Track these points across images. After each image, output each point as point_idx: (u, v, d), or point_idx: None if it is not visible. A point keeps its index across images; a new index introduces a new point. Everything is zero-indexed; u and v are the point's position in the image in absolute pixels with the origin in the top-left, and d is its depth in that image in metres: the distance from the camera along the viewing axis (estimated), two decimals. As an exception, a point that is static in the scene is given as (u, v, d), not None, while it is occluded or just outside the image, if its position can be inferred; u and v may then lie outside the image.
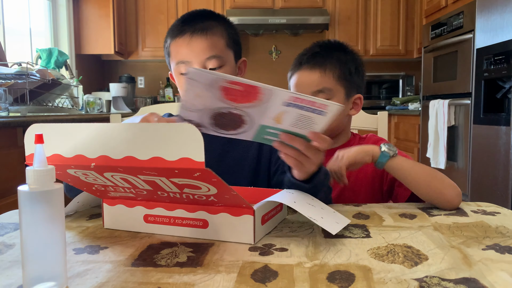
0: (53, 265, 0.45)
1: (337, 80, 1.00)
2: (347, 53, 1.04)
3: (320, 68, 0.99)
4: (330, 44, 1.06)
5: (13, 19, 2.81)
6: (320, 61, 1.00)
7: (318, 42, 1.06)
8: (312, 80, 0.99)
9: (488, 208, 0.80)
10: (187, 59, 0.90)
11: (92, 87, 3.82)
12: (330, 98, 0.99)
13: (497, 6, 2.17)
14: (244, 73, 1.03)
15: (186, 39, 0.90)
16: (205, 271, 0.51)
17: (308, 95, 0.57)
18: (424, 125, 2.98)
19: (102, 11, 3.52)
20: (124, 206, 0.68)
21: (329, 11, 3.86)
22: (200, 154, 0.50)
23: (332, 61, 1.00)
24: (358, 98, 1.05)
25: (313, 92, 0.99)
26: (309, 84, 1.00)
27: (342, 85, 1.01)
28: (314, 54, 1.02)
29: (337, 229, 0.60)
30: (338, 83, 1.00)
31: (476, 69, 2.37)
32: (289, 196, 0.68)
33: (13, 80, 1.98)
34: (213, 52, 0.90)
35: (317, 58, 1.01)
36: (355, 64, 1.04)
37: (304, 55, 1.03)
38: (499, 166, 2.16)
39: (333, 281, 0.47)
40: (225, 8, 3.83)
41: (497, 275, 0.48)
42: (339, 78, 1.00)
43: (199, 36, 0.90)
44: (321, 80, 0.99)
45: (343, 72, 1.01)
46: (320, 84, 0.99)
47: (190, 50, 0.90)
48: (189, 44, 0.90)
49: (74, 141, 0.56)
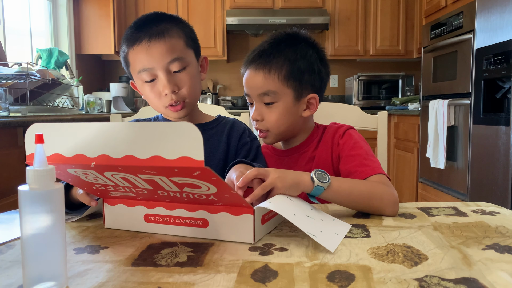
0: (53, 265, 0.45)
1: (282, 81, 0.92)
2: (298, 50, 0.93)
3: (264, 69, 0.92)
4: (280, 40, 0.96)
5: (13, 19, 2.81)
6: (265, 61, 0.92)
7: (272, 35, 0.97)
8: (256, 82, 0.93)
9: (488, 208, 0.81)
10: (149, 66, 0.88)
11: (92, 87, 3.82)
12: (275, 101, 0.92)
13: (497, 6, 2.17)
14: (206, 70, 1.01)
15: (144, 46, 0.87)
16: (205, 270, 0.51)
17: None
18: (423, 125, 2.98)
19: (102, 11, 3.52)
20: (124, 205, 0.68)
21: (329, 11, 3.86)
22: (200, 153, 0.50)
23: (278, 60, 0.92)
24: (313, 97, 0.95)
25: (259, 95, 0.93)
26: (254, 86, 0.93)
27: (290, 86, 0.92)
28: (261, 53, 0.93)
29: (336, 244, 0.59)
30: (285, 84, 0.92)
31: (476, 69, 2.37)
32: (288, 205, 0.66)
33: (13, 80, 1.98)
34: (175, 55, 0.88)
35: (263, 57, 0.93)
36: (308, 62, 0.94)
37: (253, 52, 0.95)
38: (498, 166, 2.16)
39: (333, 281, 0.47)
40: (225, 8, 3.82)
41: (497, 275, 0.48)
42: (285, 79, 0.92)
43: (157, 40, 0.87)
44: (265, 83, 0.92)
45: (290, 72, 0.92)
46: (263, 87, 0.92)
47: (151, 56, 0.87)
48: (148, 50, 0.87)
49: (74, 140, 0.56)
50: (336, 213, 0.77)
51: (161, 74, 0.88)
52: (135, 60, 0.90)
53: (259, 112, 0.95)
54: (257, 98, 0.94)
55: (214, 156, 0.98)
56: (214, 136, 1.00)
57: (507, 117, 2.09)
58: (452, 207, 0.81)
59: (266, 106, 0.94)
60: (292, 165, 1.00)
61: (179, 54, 0.89)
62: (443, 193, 2.78)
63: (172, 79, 0.89)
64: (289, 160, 1.02)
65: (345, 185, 0.77)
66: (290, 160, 1.01)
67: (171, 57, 0.88)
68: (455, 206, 0.82)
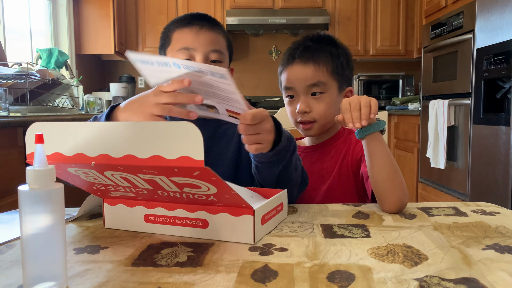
0: (53, 265, 0.45)
1: (330, 74, 1.01)
2: (338, 46, 1.05)
3: (314, 62, 1.00)
4: (321, 38, 1.06)
5: (13, 19, 2.81)
6: (313, 56, 1.00)
7: (309, 35, 1.06)
8: (306, 74, 1.00)
9: (488, 208, 0.80)
10: (192, 46, 0.92)
11: (92, 87, 3.82)
12: (324, 91, 1.00)
13: (497, 6, 2.17)
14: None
15: (194, 30, 0.92)
16: (205, 271, 0.51)
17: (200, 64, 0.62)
18: (424, 125, 2.98)
19: (102, 11, 3.52)
20: (124, 206, 0.68)
21: (329, 11, 3.86)
22: (200, 153, 0.50)
23: (325, 55, 1.01)
24: (349, 91, 1.06)
25: (308, 86, 0.99)
26: (303, 78, 1.00)
27: (335, 79, 1.02)
28: (306, 48, 1.02)
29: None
30: (331, 77, 1.01)
31: (476, 69, 2.37)
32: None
33: (13, 80, 1.98)
34: (218, 47, 0.94)
35: (309, 52, 1.01)
36: (346, 58, 1.05)
37: (296, 49, 1.03)
38: (499, 166, 2.16)
39: (333, 281, 0.47)
40: (225, 8, 3.83)
41: (497, 275, 0.48)
42: (332, 72, 1.01)
43: (207, 30, 0.93)
44: (315, 74, 1.00)
45: (335, 66, 1.01)
46: (314, 78, 0.99)
47: (197, 39, 0.92)
48: (197, 34, 0.92)
49: (74, 139, 0.56)
50: (336, 213, 0.77)
51: (198, 58, 0.92)
52: (179, 39, 0.93)
53: (306, 104, 1.00)
54: (304, 90, 1.00)
55: (228, 149, 0.98)
56: (229, 130, 1.00)
57: (507, 117, 2.09)
58: (452, 207, 0.81)
59: (313, 97, 1.00)
60: (323, 159, 1.05)
61: (221, 48, 0.95)
62: (443, 193, 2.78)
63: None
64: (319, 154, 1.07)
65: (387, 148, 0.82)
66: (320, 154, 1.06)
67: (215, 47, 0.93)
68: (455, 206, 0.82)
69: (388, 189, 0.78)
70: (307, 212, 0.78)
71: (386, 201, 0.78)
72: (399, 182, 0.79)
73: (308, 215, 0.76)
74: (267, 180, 0.82)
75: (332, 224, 0.70)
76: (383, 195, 0.79)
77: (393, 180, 0.78)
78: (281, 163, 0.78)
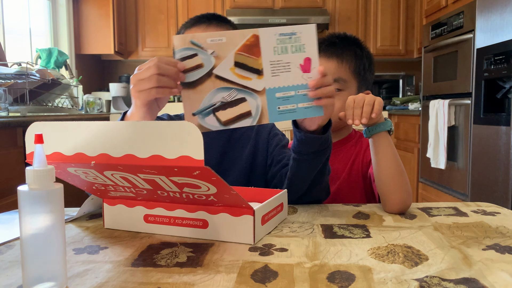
0: (53, 265, 0.45)
1: (352, 73, 1.01)
2: (363, 49, 1.05)
3: (338, 58, 1.00)
4: (347, 37, 1.06)
5: (13, 19, 2.80)
6: (338, 51, 1.00)
7: (335, 34, 1.07)
8: (329, 68, 0.99)
9: (488, 208, 0.80)
10: None
11: (92, 87, 3.82)
12: (343, 89, 1.00)
13: (497, 6, 2.17)
14: None
15: (202, 27, 0.94)
16: (205, 271, 0.51)
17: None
18: (424, 125, 2.98)
19: (102, 11, 3.52)
20: (124, 206, 0.68)
21: (329, 11, 3.86)
22: (200, 152, 0.50)
23: (349, 53, 1.01)
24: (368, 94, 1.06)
25: None
26: None
27: (356, 78, 1.02)
28: (332, 44, 1.02)
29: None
30: (353, 76, 1.01)
31: (476, 69, 2.36)
32: None
33: (13, 80, 1.97)
34: None
35: (334, 48, 1.01)
36: (369, 61, 1.05)
37: (321, 43, 1.01)
38: (499, 166, 2.16)
39: (333, 281, 0.47)
40: (225, 8, 3.82)
41: (497, 275, 0.48)
42: (353, 72, 1.01)
43: (214, 26, 0.95)
44: (337, 70, 0.99)
45: (358, 66, 1.01)
46: (336, 73, 0.99)
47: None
48: (205, 31, 0.93)
49: (74, 139, 0.56)
50: (336, 213, 0.77)
51: None
52: None
53: None
54: None
55: (243, 154, 0.98)
56: (246, 134, 1.00)
57: (508, 117, 2.09)
58: (452, 207, 0.81)
59: None
60: (332, 161, 1.05)
61: None
62: (444, 193, 2.77)
63: None
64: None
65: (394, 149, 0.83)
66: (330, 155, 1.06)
67: None
68: (456, 206, 0.82)
69: (391, 189, 0.78)
70: (307, 212, 0.78)
71: (389, 201, 0.78)
72: (403, 183, 0.78)
73: (308, 215, 0.76)
74: (303, 177, 0.80)
75: (332, 225, 0.70)
76: (387, 195, 0.78)
77: (398, 181, 0.78)
78: (324, 156, 0.78)
